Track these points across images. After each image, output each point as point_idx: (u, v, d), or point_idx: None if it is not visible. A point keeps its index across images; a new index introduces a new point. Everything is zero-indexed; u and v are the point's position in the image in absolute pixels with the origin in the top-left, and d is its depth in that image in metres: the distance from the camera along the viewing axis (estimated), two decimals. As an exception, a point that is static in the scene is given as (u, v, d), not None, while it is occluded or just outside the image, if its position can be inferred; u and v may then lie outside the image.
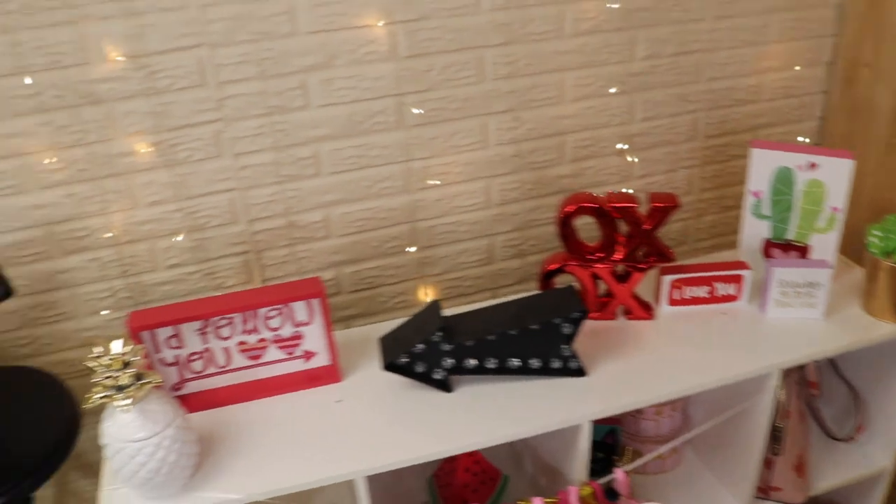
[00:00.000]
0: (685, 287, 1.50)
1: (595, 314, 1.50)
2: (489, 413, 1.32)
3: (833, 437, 1.70)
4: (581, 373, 1.37)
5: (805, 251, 1.54)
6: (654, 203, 1.42)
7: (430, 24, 1.51)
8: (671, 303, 1.51)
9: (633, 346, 1.44)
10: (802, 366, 1.53)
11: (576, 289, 1.38)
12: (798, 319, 1.48)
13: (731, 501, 1.60)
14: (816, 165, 1.47)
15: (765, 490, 1.59)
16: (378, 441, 1.28)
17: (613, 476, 1.35)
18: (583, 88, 1.68)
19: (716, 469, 1.65)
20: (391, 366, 1.33)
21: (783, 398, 1.47)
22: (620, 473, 1.35)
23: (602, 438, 1.60)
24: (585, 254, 1.47)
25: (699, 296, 1.51)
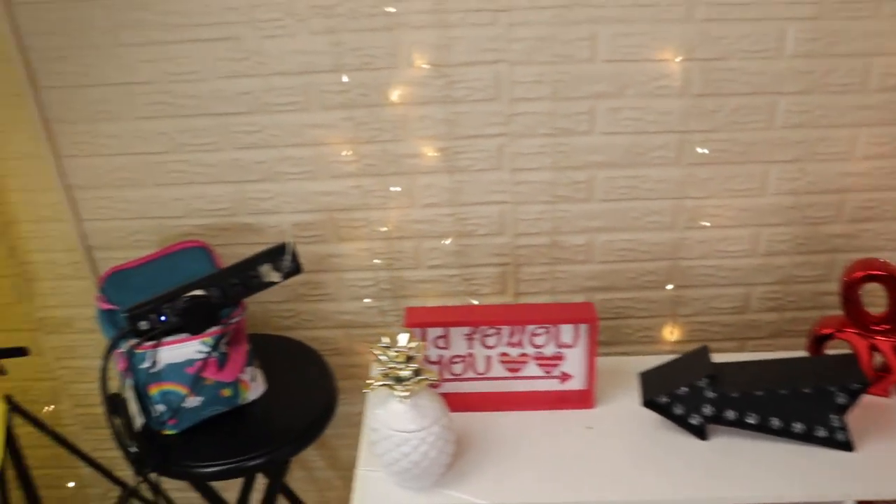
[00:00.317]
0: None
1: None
2: (742, 470, 1.27)
3: None
4: (848, 447, 1.28)
5: None
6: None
7: (728, 65, 1.48)
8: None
9: (909, 430, 1.34)
10: None
11: (858, 359, 1.30)
12: None
13: None
14: None
15: None
16: (625, 477, 1.27)
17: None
18: (877, 147, 1.58)
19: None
20: (650, 403, 1.31)
21: None
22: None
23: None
24: (869, 323, 1.38)
25: None
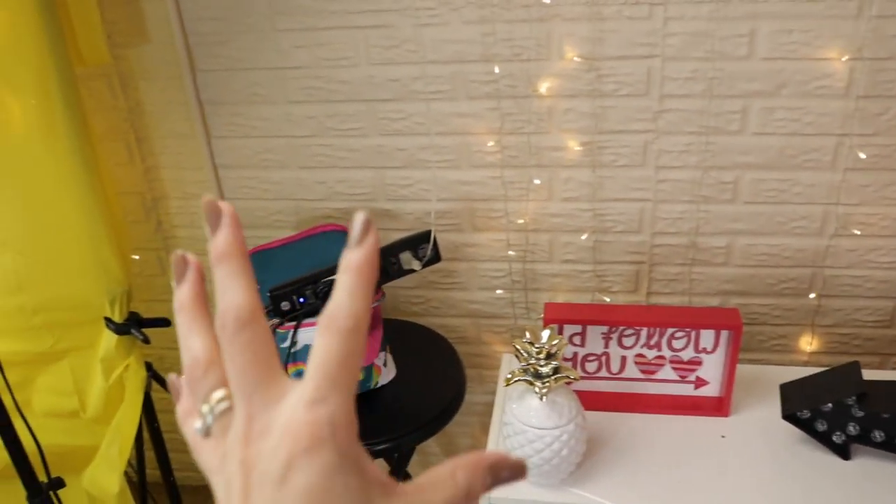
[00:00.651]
0: None
1: None
2: (886, 496, 1.21)
3: None
4: None
5: None
6: None
7: (897, 66, 1.40)
8: None
9: None
10: None
11: None
12: None
13: None
14: None
15: None
16: (757, 492, 1.24)
17: None
18: None
19: None
20: (791, 417, 1.27)
21: None
22: None
23: None
24: None
25: None
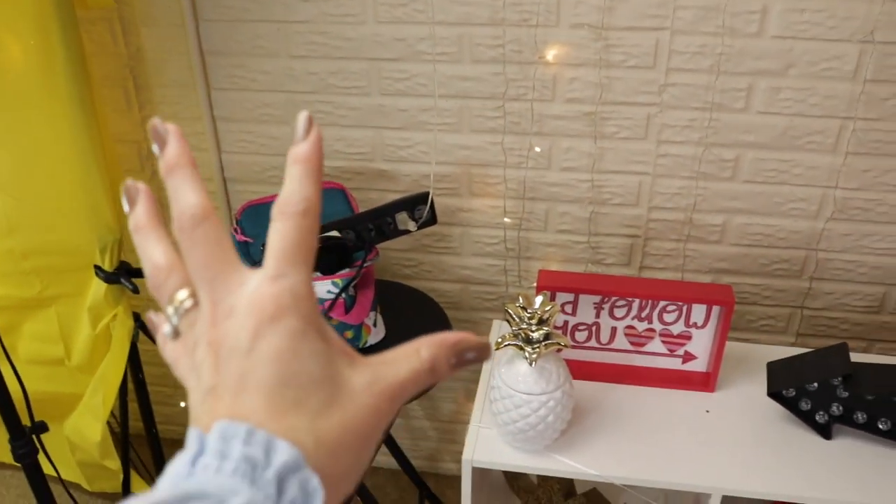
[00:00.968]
0: None
1: None
2: (865, 475, 1.23)
3: None
4: None
5: None
6: None
7: (908, 51, 1.39)
8: None
9: None
10: None
11: None
12: None
13: None
14: None
15: None
16: (739, 466, 1.25)
17: None
18: None
19: None
20: (776, 395, 1.28)
21: None
22: None
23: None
24: None
25: None
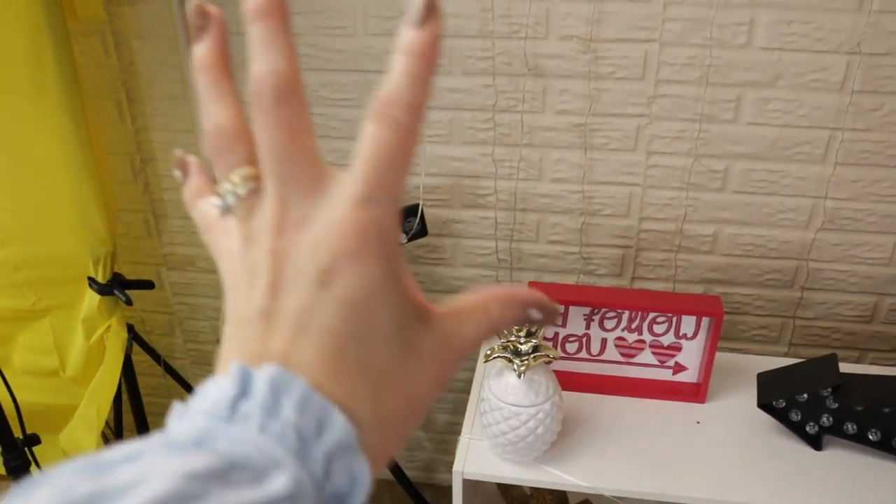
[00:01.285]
0: None
1: None
2: (855, 487, 1.23)
3: None
4: (977, 479, 1.22)
5: None
6: None
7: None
8: None
9: None
10: None
11: None
12: None
13: None
14: None
15: None
16: (729, 477, 1.25)
17: None
18: None
19: None
20: (766, 406, 1.28)
21: None
22: None
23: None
24: None
25: None
